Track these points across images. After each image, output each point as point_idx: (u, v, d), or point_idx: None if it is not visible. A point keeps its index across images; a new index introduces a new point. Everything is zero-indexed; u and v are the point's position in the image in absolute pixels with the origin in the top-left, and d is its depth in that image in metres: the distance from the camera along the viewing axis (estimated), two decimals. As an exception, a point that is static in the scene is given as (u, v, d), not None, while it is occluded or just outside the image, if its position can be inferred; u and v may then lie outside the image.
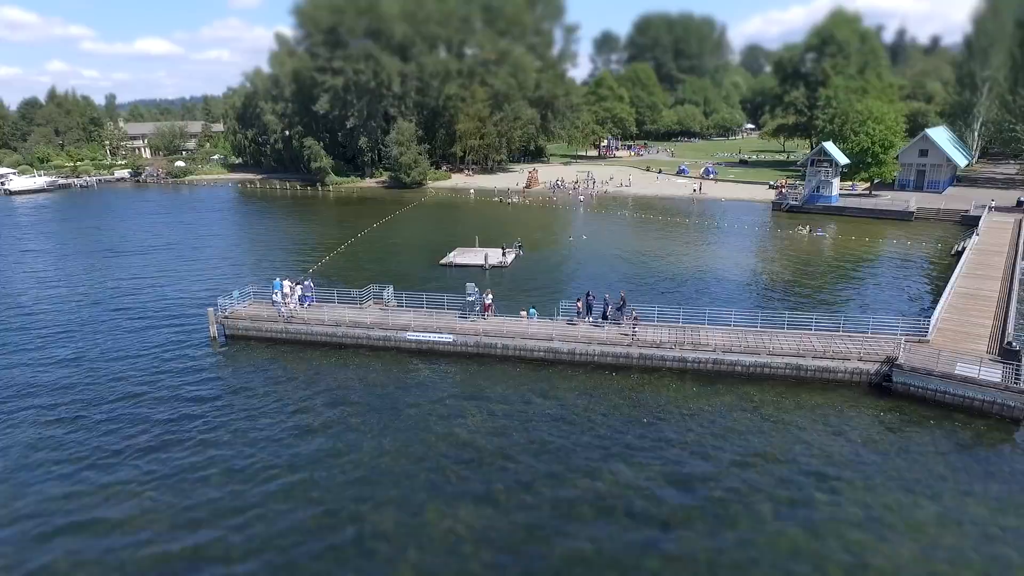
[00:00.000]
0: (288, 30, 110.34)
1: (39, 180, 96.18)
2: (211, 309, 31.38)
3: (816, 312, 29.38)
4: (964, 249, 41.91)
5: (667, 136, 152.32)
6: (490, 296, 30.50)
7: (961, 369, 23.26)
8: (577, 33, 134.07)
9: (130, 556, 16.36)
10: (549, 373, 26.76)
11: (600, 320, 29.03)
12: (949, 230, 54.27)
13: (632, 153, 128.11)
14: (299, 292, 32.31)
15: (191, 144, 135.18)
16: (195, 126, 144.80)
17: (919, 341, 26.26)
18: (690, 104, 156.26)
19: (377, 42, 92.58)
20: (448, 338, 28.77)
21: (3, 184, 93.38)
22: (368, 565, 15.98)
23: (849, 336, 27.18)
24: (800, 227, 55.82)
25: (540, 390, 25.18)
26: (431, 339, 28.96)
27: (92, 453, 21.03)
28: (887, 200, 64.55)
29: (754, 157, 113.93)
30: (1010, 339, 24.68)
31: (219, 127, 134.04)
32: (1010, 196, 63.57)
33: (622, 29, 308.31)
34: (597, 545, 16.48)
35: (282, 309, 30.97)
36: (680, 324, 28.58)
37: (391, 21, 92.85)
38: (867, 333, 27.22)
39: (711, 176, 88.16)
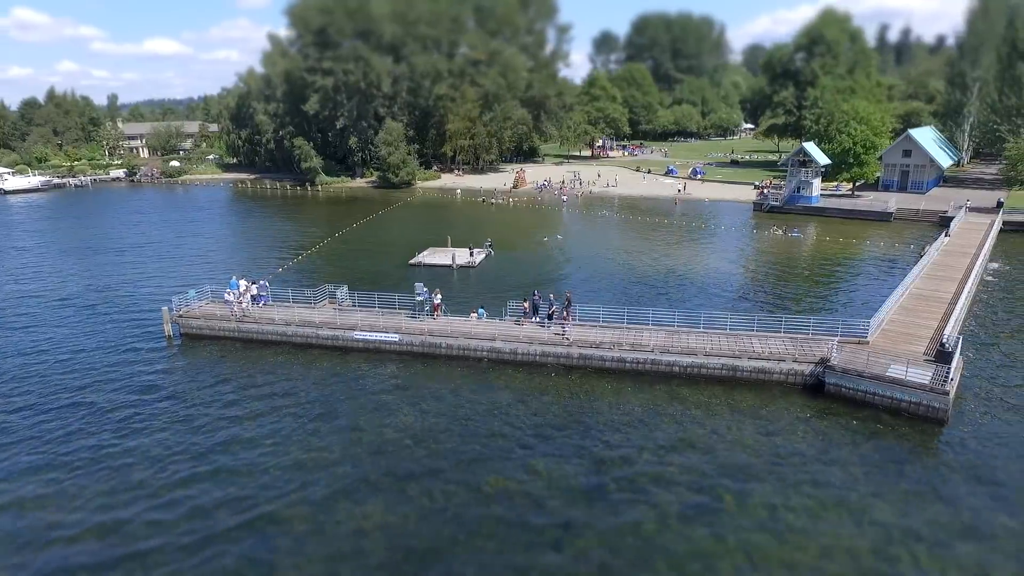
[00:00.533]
0: (283, 31, 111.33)
1: (33, 180, 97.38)
2: (165, 308, 31.79)
3: (759, 313, 29.40)
4: (933, 250, 41.72)
5: (664, 136, 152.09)
6: (439, 296, 30.73)
7: (891, 371, 23.31)
8: (570, 33, 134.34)
9: (39, 536, 17.00)
10: (490, 373, 26.95)
11: (546, 320, 29.19)
12: (927, 231, 53.97)
13: (625, 153, 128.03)
14: (254, 291, 32.65)
15: (188, 144, 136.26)
16: (192, 126, 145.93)
17: (859, 342, 26.30)
18: (688, 104, 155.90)
19: (367, 43, 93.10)
20: (394, 337, 29.04)
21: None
22: (265, 555, 16.25)
23: (791, 337, 27.20)
24: (775, 228, 55.75)
25: (477, 389, 25.39)
26: (378, 338, 29.23)
27: (21, 441, 21.57)
28: (867, 201, 64.33)
29: (747, 157, 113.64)
30: (945, 340, 24.63)
31: (216, 127, 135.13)
32: (995, 197, 63.06)
33: (623, 29, 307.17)
34: (496, 544, 16.66)
35: (234, 308, 31.32)
36: (625, 325, 28.69)
37: (381, 22, 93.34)
38: (808, 334, 27.25)
39: (698, 176, 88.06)
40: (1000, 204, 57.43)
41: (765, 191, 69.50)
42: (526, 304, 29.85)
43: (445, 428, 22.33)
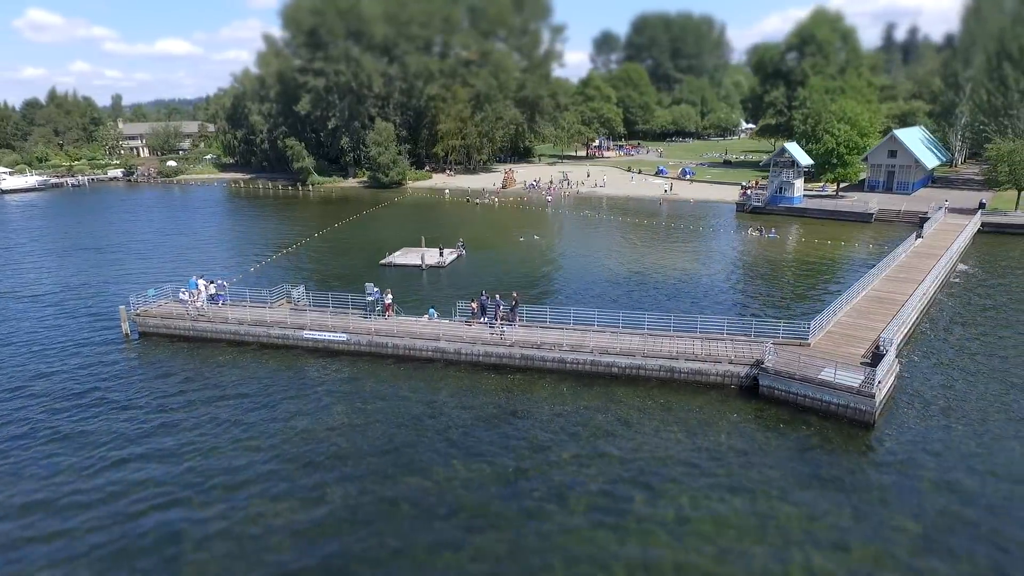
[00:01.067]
0: (278, 31, 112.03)
1: (31, 179, 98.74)
2: (123, 307, 32.24)
3: (702, 315, 29.39)
4: (901, 251, 41.45)
5: (662, 136, 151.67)
6: (390, 296, 31.00)
7: (823, 374, 23.31)
8: (564, 33, 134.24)
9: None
10: (433, 372, 27.19)
11: (493, 321, 29.36)
12: (906, 232, 53.50)
13: (620, 153, 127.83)
14: (212, 290, 33.06)
15: (186, 144, 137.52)
16: (191, 126, 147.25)
17: (800, 344, 26.30)
18: (687, 104, 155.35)
19: (359, 43, 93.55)
20: (342, 337, 29.34)
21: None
22: (172, 538, 16.73)
23: (732, 339, 27.24)
24: (752, 229, 55.56)
25: (416, 388, 25.63)
26: (327, 338, 29.55)
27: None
28: (850, 202, 63.97)
29: (741, 157, 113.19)
30: (881, 343, 24.57)
31: (213, 127, 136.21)
32: (981, 198, 62.51)
33: (625, 29, 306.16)
34: (400, 542, 16.86)
35: (189, 307, 31.73)
36: (570, 326, 28.80)
37: (372, 22, 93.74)
38: (751, 336, 27.26)
39: (687, 177, 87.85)
40: (982, 205, 56.93)
41: (749, 192, 69.22)
42: (474, 305, 30.04)
43: (374, 425, 22.59)
